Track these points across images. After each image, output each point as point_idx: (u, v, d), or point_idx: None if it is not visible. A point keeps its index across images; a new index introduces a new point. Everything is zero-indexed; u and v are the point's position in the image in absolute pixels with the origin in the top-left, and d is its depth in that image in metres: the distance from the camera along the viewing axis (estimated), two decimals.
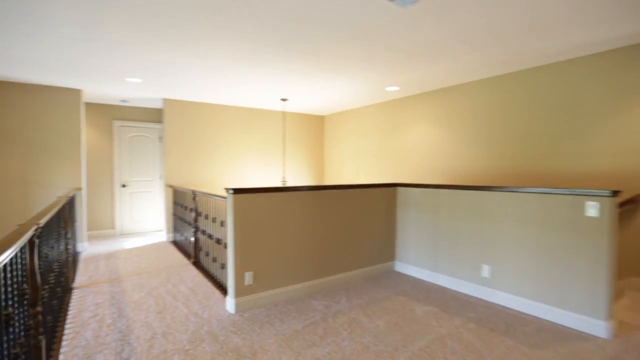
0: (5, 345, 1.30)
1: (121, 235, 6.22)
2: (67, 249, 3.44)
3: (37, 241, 1.78)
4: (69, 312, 2.91)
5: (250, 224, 2.96)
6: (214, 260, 3.72)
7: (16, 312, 1.49)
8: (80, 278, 3.81)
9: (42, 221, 1.88)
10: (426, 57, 3.64)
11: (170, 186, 5.68)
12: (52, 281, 2.47)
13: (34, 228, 1.69)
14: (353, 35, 3.06)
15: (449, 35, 3.07)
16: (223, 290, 3.39)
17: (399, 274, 3.91)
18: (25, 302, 1.68)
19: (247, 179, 6.55)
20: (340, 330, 2.58)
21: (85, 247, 5.16)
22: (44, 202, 4.79)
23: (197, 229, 4.33)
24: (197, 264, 4.32)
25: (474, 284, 3.24)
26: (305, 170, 7.32)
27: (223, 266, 3.43)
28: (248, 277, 2.94)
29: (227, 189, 2.89)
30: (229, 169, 6.34)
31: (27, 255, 1.71)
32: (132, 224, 6.40)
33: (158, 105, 6.24)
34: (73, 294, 3.34)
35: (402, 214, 3.98)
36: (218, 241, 3.56)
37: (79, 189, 5.00)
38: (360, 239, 3.73)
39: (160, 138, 6.63)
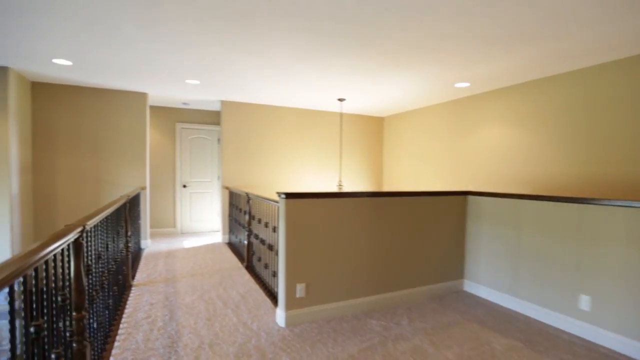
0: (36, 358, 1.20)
1: (181, 234, 6.43)
2: (126, 247, 3.52)
3: (84, 242, 1.71)
4: (126, 311, 2.92)
5: (303, 232, 2.73)
6: (266, 266, 3.57)
7: (55, 318, 1.41)
8: (140, 275, 3.90)
9: (91, 222, 1.82)
10: (505, 44, 3.14)
11: (227, 188, 5.72)
12: (108, 281, 2.46)
13: (78, 230, 1.61)
14: (419, 20, 2.70)
15: (537, 16, 2.57)
16: (274, 298, 3.21)
17: (468, 294, 3.42)
18: (68, 307, 1.62)
19: (301, 182, 6.41)
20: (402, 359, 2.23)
21: (148, 245, 5.38)
22: (112, 199, 5.06)
23: (250, 233, 4.24)
24: (250, 268, 4.22)
25: (569, 316, 2.67)
26: (363, 174, 7.00)
27: (275, 274, 3.25)
28: (300, 289, 2.72)
29: (278, 193, 2.70)
30: (283, 172, 6.25)
31: (72, 258, 1.64)
32: (191, 223, 6.59)
33: (216, 107, 6.37)
34: (132, 291, 3.39)
35: (473, 227, 3.49)
36: (270, 247, 3.40)
37: (144, 188, 5.22)
38: (424, 253, 3.32)
39: (219, 140, 6.76)
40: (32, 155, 4.68)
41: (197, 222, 6.65)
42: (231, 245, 5.48)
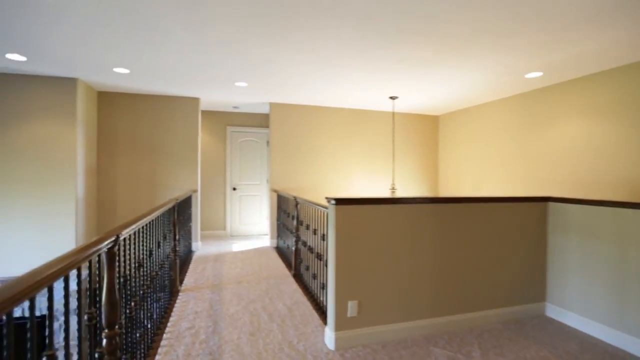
0: None
1: (231, 237, 6.44)
2: (174, 251, 3.47)
3: (118, 251, 1.58)
4: (171, 319, 2.83)
5: (355, 241, 2.43)
6: (314, 277, 3.32)
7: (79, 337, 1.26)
8: (188, 280, 3.86)
9: (127, 231, 1.68)
10: (589, 23, 2.58)
11: (275, 191, 5.60)
12: (151, 290, 2.36)
13: (111, 239, 1.47)
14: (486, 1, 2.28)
15: None
16: (322, 313, 2.94)
17: (552, 321, 2.86)
18: (96, 324, 1.48)
19: (350, 186, 6.10)
20: None
21: (199, 247, 5.41)
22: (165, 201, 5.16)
23: (298, 239, 4.03)
24: (297, 277, 4.00)
25: None
26: (416, 178, 6.51)
27: (323, 286, 2.98)
28: (351, 307, 2.41)
29: (328, 199, 2.43)
30: (332, 175, 5.99)
31: (106, 269, 1.51)
32: (240, 226, 6.59)
33: (265, 110, 6.30)
34: (179, 297, 3.33)
35: (557, 240, 2.92)
36: (318, 256, 3.14)
37: (195, 190, 5.27)
38: (497, 270, 2.84)
39: (268, 142, 6.70)
40: (96, 159, 4.92)
41: (247, 225, 6.63)
42: (279, 250, 5.34)
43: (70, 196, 4.23)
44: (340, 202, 2.38)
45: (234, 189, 6.53)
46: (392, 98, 5.23)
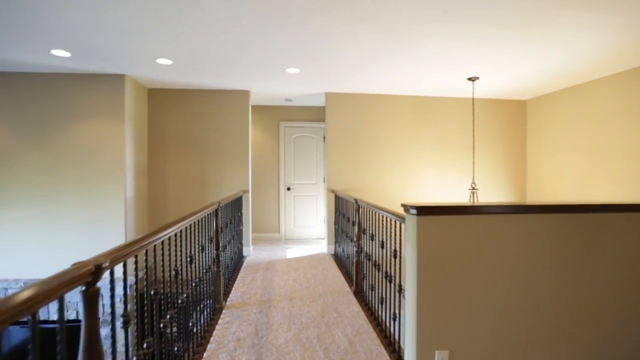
0: None
1: (285, 241, 5.99)
2: (217, 262, 3.03)
3: (109, 286, 1.08)
4: (209, 347, 2.36)
5: (447, 267, 1.71)
6: (381, 301, 2.65)
7: None
8: (235, 293, 3.42)
9: (117, 258, 1.18)
10: None
11: (332, 191, 5.01)
12: (174, 324, 1.89)
13: (86, 276, 0.96)
14: None
15: None
16: (393, 352, 2.26)
17: None
18: None
19: (418, 186, 5.28)
20: None
21: (250, 252, 5.02)
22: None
23: (359, 250, 3.38)
24: (359, 295, 3.35)
25: None
26: (497, 176, 5.46)
27: (395, 318, 2.30)
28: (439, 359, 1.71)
29: (406, 206, 1.74)
30: (396, 174, 5.23)
31: (84, 316, 1.00)
32: (295, 229, 6.12)
33: (321, 102, 5.73)
34: (222, 315, 2.88)
35: None
36: (388, 278, 2.47)
37: (246, 191, 4.88)
38: None
39: (324, 138, 6.13)
40: (147, 159, 4.76)
41: (301, 227, 6.14)
42: (337, 259, 4.73)
43: (119, 196, 4.05)
44: (424, 211, 1.68)
45: (288, 188, 6.08)
46: (471, 80, 4.32)
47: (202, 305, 2.55)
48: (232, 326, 2.67)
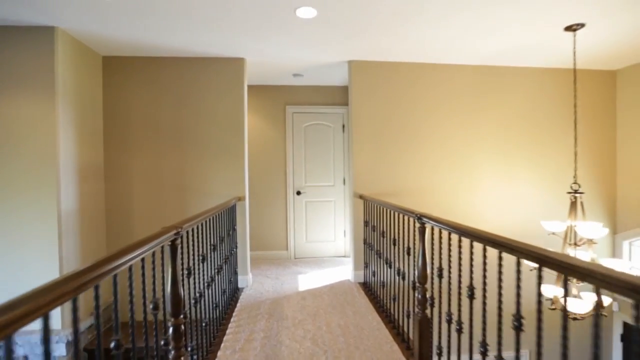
0: None
1: (295, 261, 4.61)
2: (175, 339, 1.65)
3: None
4: None
5: None
6: None
7: None
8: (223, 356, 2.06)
9: None
10: None
11: (361, 196, 3.63)
12: None
13: None
14: None
15: None
16: None
17: None
18: None
19: (476, 188, 3.87)
20: None
21: (248, 283, 3.65)
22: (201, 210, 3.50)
23: (424, 299, 2.00)
24: None
25: None
26: (580, 174, 4.03)
27: None
28: None
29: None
30: (444, 173, 3.83)
31: None
32: (307, 245, 4.75)
33: (341, 78, 4.35)
34: None
35: None
36: None
37: (241, 198, 3.52)
38: None
39: (344, 126, 4.76)
40: (103, 157, 3.42)
41: (315, 243, 4.76)
42: (369, 293, 3.34)
43: (49, 209, 2.71)
44: None
45: (298, 193, 4.71)
46: (571, 29, 2.90)
47: None
48: None
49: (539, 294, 1.15)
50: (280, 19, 2.66)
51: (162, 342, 1.56)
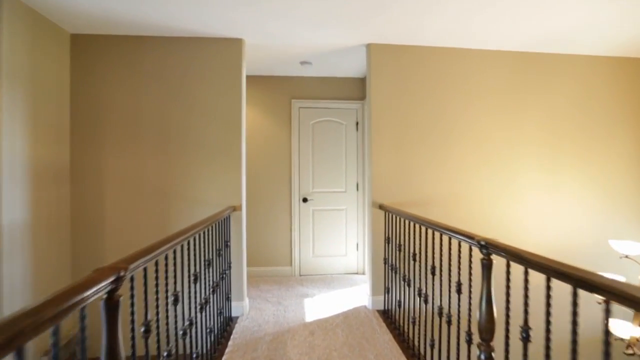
0: None
1: (300, 279, 3.98)
2: None
3: None
4: None
5: None
6: None
7: None
8: None
9: None
10: None
11: (381, 207, 3.01)
12: None
13: None
14: None
15: None
16: None
17: None
18: None
19: (519, 197, 3.24)
20: None
21: (245, 310, 3.01)
22: (185, 226, 2.88)
23: (481, 347, 1.37)
24: None
25: None
26: (627, 182, 3.40)
27: None
28: None
29: None
30: (479, 179, 3.20)
31: None
32: (315, 260, 4.12)
33: (356, 68, 3.74)
34: None
35: None
36: None
37: (237, 208, 2.91)
38: None
39: (357, 124, 4.15)
40: (69, 155, 2.82)
41: (324, 258, 4.13)
42: (392, 325, 2.70)
43: None
44: None
45: (305, 200, 4.09)
46: None
47: None
48: None
49: None
50: None
51: None
